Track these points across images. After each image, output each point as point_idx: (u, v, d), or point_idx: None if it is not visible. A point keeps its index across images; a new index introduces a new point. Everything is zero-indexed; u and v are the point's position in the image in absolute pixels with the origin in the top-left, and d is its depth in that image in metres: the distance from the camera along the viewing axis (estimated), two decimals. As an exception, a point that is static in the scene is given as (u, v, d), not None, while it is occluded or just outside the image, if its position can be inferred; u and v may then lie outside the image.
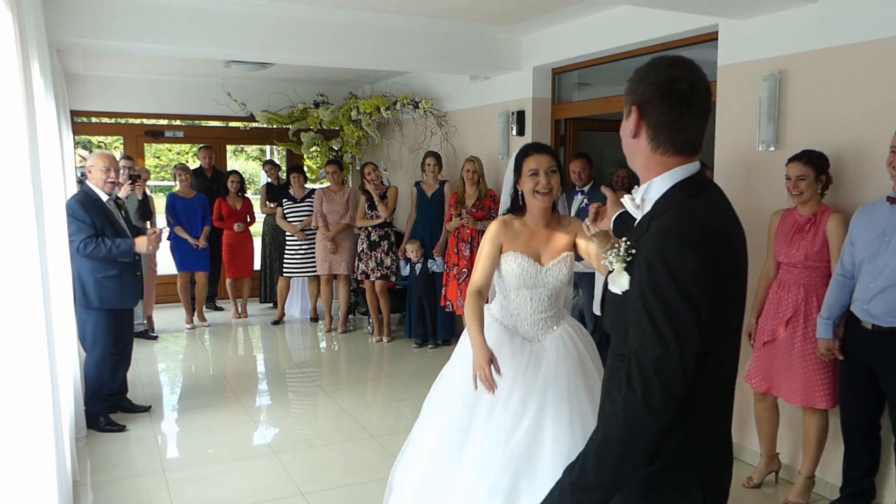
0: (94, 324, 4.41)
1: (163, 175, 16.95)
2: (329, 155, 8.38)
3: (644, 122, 1.49)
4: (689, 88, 1.45)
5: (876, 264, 3.07)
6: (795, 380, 3.46)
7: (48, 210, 3.21)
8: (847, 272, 3.23)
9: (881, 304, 3.05)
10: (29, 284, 2.38)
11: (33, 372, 2.41)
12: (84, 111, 8.27)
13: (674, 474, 1.45)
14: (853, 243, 3.19)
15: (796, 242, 3.47)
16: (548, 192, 2.71)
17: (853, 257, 3.19)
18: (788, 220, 3.57)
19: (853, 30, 3.49)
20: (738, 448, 4.21)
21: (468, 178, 6.07)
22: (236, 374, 6.13)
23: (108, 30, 4.65)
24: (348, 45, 5.34)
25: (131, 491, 3.77)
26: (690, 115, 1.47)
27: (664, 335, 1.32)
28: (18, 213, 2.29)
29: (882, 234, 3.06)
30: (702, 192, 1.49)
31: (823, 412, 3.48)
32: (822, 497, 3.68)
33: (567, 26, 5.41)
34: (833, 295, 3.28)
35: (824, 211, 3.45)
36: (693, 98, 1.45)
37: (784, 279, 3.56)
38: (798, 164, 3.42)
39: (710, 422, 1.47)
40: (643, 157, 1.53)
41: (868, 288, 3.10)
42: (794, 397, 3.47)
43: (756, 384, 3.67)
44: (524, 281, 2.75)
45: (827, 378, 3.40)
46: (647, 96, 1.46)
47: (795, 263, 3.49)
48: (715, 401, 1.48)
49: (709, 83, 1.51)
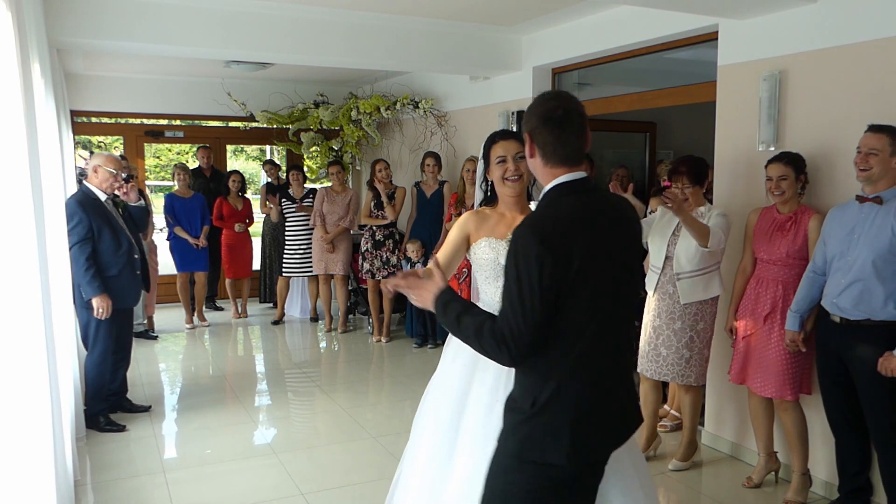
0: (96, 324, 4.41)
1: (163, 175, 16.95)
2: (329, 155, 8.38)
3: (535, 145, 1.90)
4: (564, 114, 1.86)
5: (846, 260, 3.18)
6: (769, 372, 3.59)
7: (48, 210, 3.21)
8: (818, 269, 3.35)
9: (849, 298, 3.16)
10: (28, 284, 2.37)
11: (33, 372, 2.41)
12: (84, 111, 8.27)
13: (547, 417, 1.82)
14: (825, 242, 3.32)
15: (777, 240, 3.58)
16: (517, 178, 2.60)
17: (825, 255, 3.31)
18: (767, 218, 3.67)
19: (853, 30, 3.49)
20: (737, 448, 4.22)
21: (468, 178, 6.07)
22: (236, 374, 6.13)
23: (108, 30, 4.65)
24: (348, 45, 5.34)
25: (131, 491, 3.77)
26: (567, 135, 1.86)
27: (511, 296, 1.76)
28: (18, 212, 2.29)
29: (851, 232, 3.18)
30: (574, 193, 1.87)
31: (796, 405, 3.60)
32: (822, 497, 3.69)
33: (567, 26, 5.41)
34: (803, 290, 3.43)
35: (805, 210, 3.56)
36: (567, 121, 1.86)
37: (762, 276, 3.68)
38: (779, 164, 3.54)
39: (575, 377, 1.82)
40: (539, 171, 1.93)
41: (839, 283, 3.21)
42: (766, 389, 3.61)
43: (732, 376, 3.80)
44: (496, 270, 2.61)
45: (796, 370, 3.55)
46: (534, 124, 1.88)
47: (776, 260, 3.60)
48: (578, 359, 1.81)
49: (581, 109, 1.89)
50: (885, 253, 3.04)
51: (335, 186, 7.27)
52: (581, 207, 1.84)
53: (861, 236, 3.13)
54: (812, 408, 3.70)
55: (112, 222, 4.47)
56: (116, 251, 4.43)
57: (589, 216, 1.84)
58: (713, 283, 3.84)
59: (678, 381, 3.92)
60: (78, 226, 4.29)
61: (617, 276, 1.87)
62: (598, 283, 1.81)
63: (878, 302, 3.07)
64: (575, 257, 1.75)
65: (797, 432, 3.62)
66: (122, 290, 4.47)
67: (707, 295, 3.83)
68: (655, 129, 7.16)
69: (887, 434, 3.15)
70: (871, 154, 3.07)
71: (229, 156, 11.00)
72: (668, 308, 3.90)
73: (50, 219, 3.31)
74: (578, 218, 1.81)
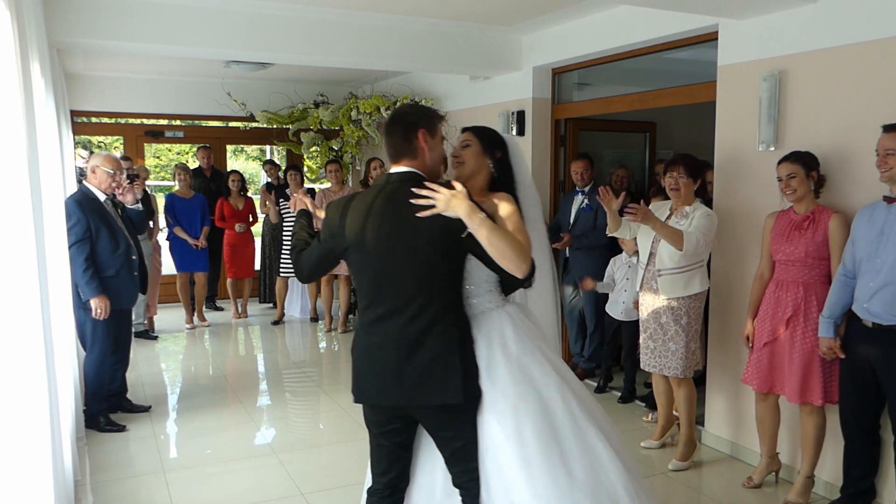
0: (93, 324, 4.41)
1: (163, 175, 16.94)
2: (329, 155, 8.38)
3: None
4: (387, 124, 2.42)
5: (875, 263, 3.09)
6: (794, 377, 3.48)
7: (48, 210, 3.21)
8: (849, 272, 3.25)
9: (881, 303, 3.06)
10: (27, 284, 2.37)
11: (31, 372, 2.41)
12: (84, 111, 8.27)
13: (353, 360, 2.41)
14: (854, 243, 3.22)
15: (795, 239, 3.50)
16: (460, 164, 2.60)
17: (854, 256, 3.21)
18: (784, 220, 3.60)
19: (853, 30, 3.49)
20: (737, 448, 4.22)
21: (468, 177, 6.06)
22: (236, 374, 6.13)
23: (108, 30, 4.65)
24: (349, 44, 5.34)
25: (131, 491, 3.78)
26: (388, 139, 2.40)
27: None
28: (18, 212, 2.29)
29: (881, 233, 3.09)
30: (382, 183, 2.38)
31: (820, 410, 3.50)
32: (822, 497, 3.68)
33: (567, 26, 5.41)
34: (835, 294, 3.31)
35: (822, 210, 3.48)
36: (387, 129, 2.40)
37: (782, 278, 3.57)
38: (786, 163, 3.50)
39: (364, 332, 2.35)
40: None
41: (868, 287, 3.11)
42: (794, 395, 3.50)
43: (757, 386, 3.67)
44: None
45: (823, 375, 3.43)
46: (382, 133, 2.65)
47: (795, 261, 3.50)
48: (363, 320, 2.36)
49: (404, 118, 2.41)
50: None
51: (333, 186, 7.27)
52: (370, 194, 2.34)
53: (890, 238, 3.04)
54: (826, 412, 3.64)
55: (110, 223, 4.47)
56: (114, 252, 4.43)
57: (368, 202, 2.31)
58: (694, 281, 3.91)
59: (667, 373, 4.02)
60: (76, 225, 4.29)
61: (386, 256, 2.27)
62: (367, 256, 2.29)
63: None
64: (346, 229, 2.32)
65: (815, 437, 3.53)
66: (119, 290, 4.47)
67: (687, 292, 3.91)
68: (655, 129, 7.15)
69: None
70: (889, 154, 3.02)
71: (229, 156, 11.00)
72: (654, 303, 4.03)
73: (49, 219, 3.31)
74: (363, 201, 2.32)
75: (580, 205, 5.57)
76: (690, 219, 3.88)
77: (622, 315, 5.08)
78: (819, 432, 3.53)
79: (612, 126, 6.83)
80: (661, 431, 4.37)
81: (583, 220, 5.54)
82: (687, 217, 3.91)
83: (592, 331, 5.65)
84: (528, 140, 5.97)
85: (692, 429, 4.12)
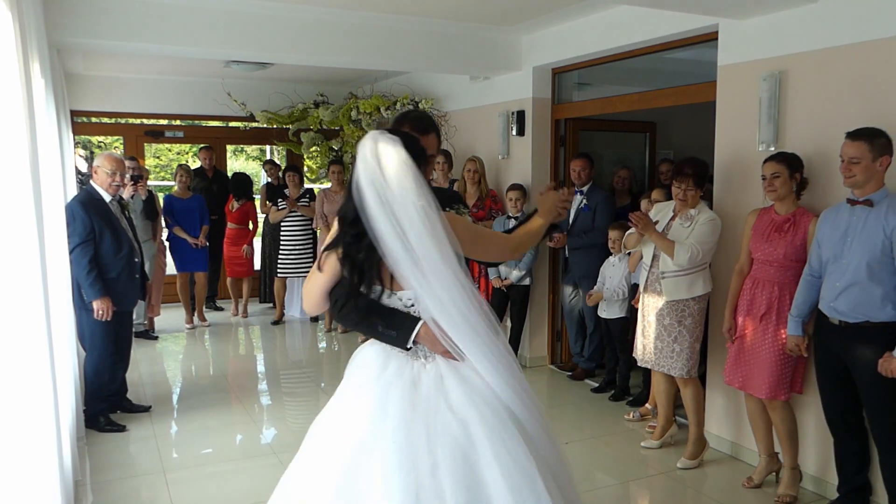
0: (94, 324, 4.41)
1: (163, 175, 16.93)
2: (329, 155, 8.38)
3: None
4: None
5: (840, 263, 3.19)
6: (763, 374, 3.59)
7: (48, 210, 3.21)
8: (815, 272, 3.37)
9: (846, 301, 3.17)
10: (28, 285, 2.37)
11: (33, 372, 2.41)
12: (84, 111, 8.27)
13: None
14: (819, 244, 3.33)
15: (775, 241, 3.59)
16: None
17: (820, 257, 3.32)
18: (765, 219, 3.68)
19: (853, 30, 3.49)
20: (737, 448, 4.22)
21: (469, 177, 6.07)
22: (236, 374, 6.13)
23: (108, 30, 4.65)
24: (348, 45, 5.34)
25: (131, 491, 3.78)
26: None
27: None
28: (18, 212, 2.29)
29: (845, 235, 3.19)
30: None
31: (786, 404, 3.63)
32: (822, 497, 3.69)
33: (567, 26, 5.41)
34: (802, 294, 3.43)
35: (803, 213, 3.57)
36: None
37: (758, 276, 3.68)
38: (772, 162, 3.58)
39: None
40: None
41: (834, 286, 3.22)
42: (761, 390, 3.61)
43: (729, 380, 3.79)
44: None
45: (788, 371, 3.57)
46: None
47: (773, 261, 3.60)
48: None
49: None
50: (879, 255, 3.06)
51: (334, 186, 7.26)
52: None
53: (854, 239, 3.14)
54: (804, 405, 3.74)
55: (114, 224, 4.47)
56: (117, 254, 4.43)
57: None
58: (697, 283, 3.96)
59: (673, 373, 4.05)
60: (79, 226, 4.29)
61: None
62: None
63: (875, 304, 3.08)
64: None
65: (786, 429, 3.65)
66: (121, 292, 4.47)
67: (690, 294, 3.95)
68: (655, 129, 7.15)
69: (889, 434, 3.16)
70: (852, 163, 3.09)
71: (229, 156, 11.00)
72: (657, 305, 4.06)
73: (49, 219, 3.31)
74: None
75: (579, 204, 5.57)
76: (694, 222, 3.93)
77: (604, 312, 5.22)
78: (788, 424, 3.65)
79: (612, 126, 6.83)
80: (660, 431, 4.38)
81: (582, 219, 5.54)
82: (691, 220, 3.95)
83: (592, 331, 5.65)
84: (528, 140, 5.97)
85: (701, 427, 4.13)
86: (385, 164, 1.99)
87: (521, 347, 6.12)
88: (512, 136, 6.13)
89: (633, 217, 3.95)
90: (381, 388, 2.07)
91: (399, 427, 1.97)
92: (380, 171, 1.99)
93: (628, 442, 4.52)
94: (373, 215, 1.96)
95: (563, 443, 2.29)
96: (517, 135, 6.03)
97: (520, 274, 5.77)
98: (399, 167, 1.99)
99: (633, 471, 4.13)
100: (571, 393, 5.55)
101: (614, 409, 5.09)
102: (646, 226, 3.92)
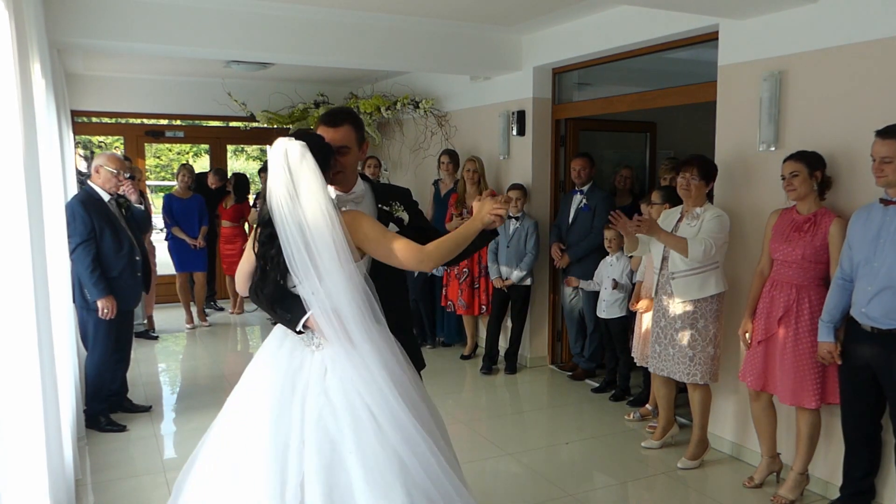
0: (95, 324, 4.41)
1: (163, 175, 16.93)
2: (329, 155, 8.37)
3: None
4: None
5: (872, 267, 3.06)
6: (787, 379, 3.49)
7: (48, 210, 3.20)
8: (846, 275, 3.23)
9: (878, 307, 3.04)
10: (27, 285, 2.37)
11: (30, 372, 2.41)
12: (84, 111, 8.27)
13: None
14: (851, 246, 3.20)
15: (794, 241, 3.49)
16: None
17: (851, 260, 3.19)
18: (786, 219, 3.59)
19: (853, 30, 3.48)
20: (737, 448, 4.22)
21: (469, 177, 6.07)
22: (236, 375, 6.07)
23: (108, 30, 4.65)
24: (348, 45, 5.34)
25: (131, 491, 3.78)
26: None
27: None
28: (17, 213, 2.28)
29: (877, 237, 3.07)
30: None
31: (815, 412, 3.50)
32: (822, 497, 3.68)
33: (567, 26, 5.41)
34: (833, 298, 3.29)
35: (825, 213, 3.46)
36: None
37: (777, 278, 3.58)
38: (790, 161, 3.50)
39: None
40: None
41: (866, 291, 3.09)
42: (785, 396, 3.51)
43: (751, 382, 3.69)
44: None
45: (816, 378, 3.42)
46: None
47: (791, 262, 3.50)
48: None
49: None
50: None
51: (336, 186, 7.25)
52: None
53: (887, 241, 3.01)
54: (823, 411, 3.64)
55: (114, 223, 4.46)
56: (117, 252, 4.43)
57: None
58: (709, 282, 3.88)
59: (685, 380, 3.99)
60: (80, 226, 4.29)
61: None
62: None
63: None
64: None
65: (809, 436, 3.53)
66: (123, 291, 4.47)
67: (702, 294, 3.87)
68: (655, 129, 7.15)
69: None
70: (885, 162, 2.99)
71: (229, 156, 11.00)
72: (669, 308, 3.99)
73: (49, 219, 3.31)
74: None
75: (578, 204, 5.57)
76: (701, 220, 3.87)
77: (604, 313, 5.22)
78: (813, 430, 3.53)
79: (612, 126, 6.83)
80: (661, 432, 4.37)
81: (581, 219, 5.54)
82: (697, 219, 3.90)
83: (592, 331, 5.65)
84: (529, 140, 5.97)
85: (705, 430, 4.12)
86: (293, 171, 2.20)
87: (521, 348, 6.12)
88: (512, 136, 6.13)
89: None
90: (271, 367, 2.37)
91: (275, 405, 2.25)
92: (289, 177, 2.20)
93: (628, 442, 4.52)
94: (277, 222, 2.21)
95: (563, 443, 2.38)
96: (517, 135, 6.03)
97: (521, 274, 5.78)
98: (306, 174, 2.20)
99: (633, 471, 4.13)
100: (572, 393, 5.55)
101: (614, 410, 5.09)
102: (651, 227, 3.84)
